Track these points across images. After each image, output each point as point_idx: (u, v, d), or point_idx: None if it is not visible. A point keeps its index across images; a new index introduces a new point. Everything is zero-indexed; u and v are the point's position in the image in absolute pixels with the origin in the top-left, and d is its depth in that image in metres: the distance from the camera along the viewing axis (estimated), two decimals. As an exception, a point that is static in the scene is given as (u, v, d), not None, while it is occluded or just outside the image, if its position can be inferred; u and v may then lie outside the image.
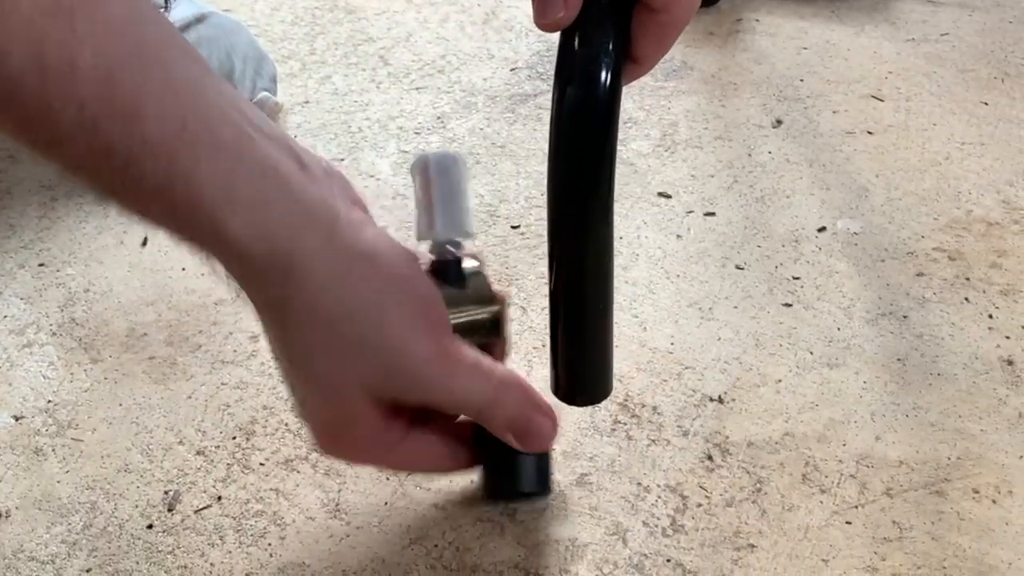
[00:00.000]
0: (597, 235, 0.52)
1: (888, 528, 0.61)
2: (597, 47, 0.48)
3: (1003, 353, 0.72)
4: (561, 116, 0.49)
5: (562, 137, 0.49)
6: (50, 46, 0.42)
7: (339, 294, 0.50)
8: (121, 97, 0.44)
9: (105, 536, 0.60)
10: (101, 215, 0.84)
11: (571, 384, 0.57)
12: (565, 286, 0.53)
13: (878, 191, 0.87)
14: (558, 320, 0.55)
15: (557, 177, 0.50)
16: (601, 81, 0.48)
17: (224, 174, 0.47)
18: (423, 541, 0.60)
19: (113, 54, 0.44)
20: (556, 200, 0.51)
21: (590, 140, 0.49)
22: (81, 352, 0.72)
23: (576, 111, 0.49)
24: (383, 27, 1.11)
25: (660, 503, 0.62)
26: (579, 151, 0.49)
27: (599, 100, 0.48)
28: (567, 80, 0.49)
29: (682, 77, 1.03)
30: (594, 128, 0.49)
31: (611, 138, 0.49)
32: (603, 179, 0.50)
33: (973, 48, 1.08)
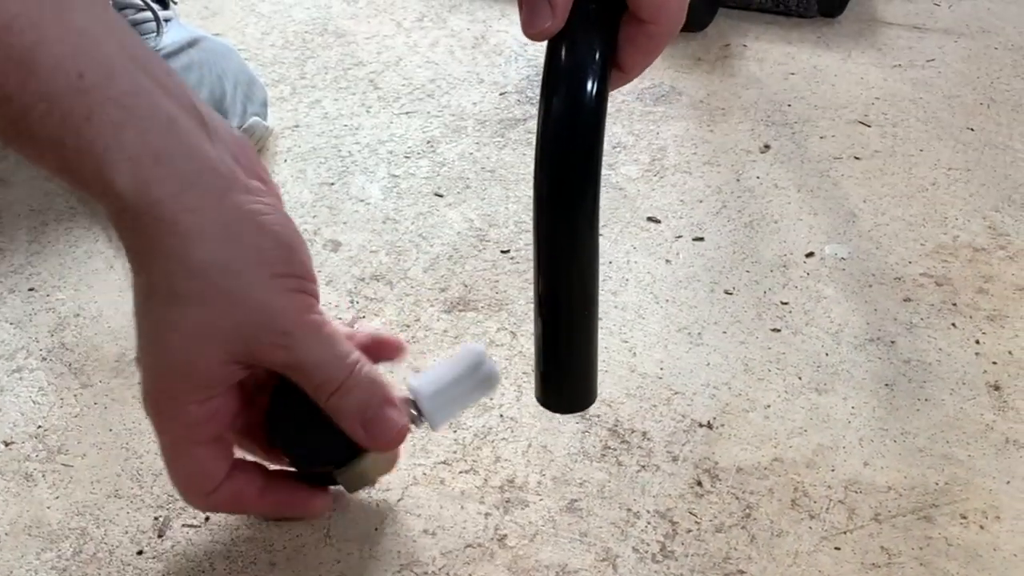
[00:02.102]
0: (582, 240, 0.52)
1: (877, 554, 0.61)
2: (584, 56, 0.49)
3: (990, 379, 0.73)
4: (548, 122, 0.50)
5: (549, 142, 0.50)
6: None
7: (217, 249, 0.51)
8: (19, 46, 0.45)
9: (95, 562, 0.60)
10: (91, 239, 0.84)
11: (555, 391, 0.57)
12: (549, 292, 0.54)
13: (865, 216, 0.88)
14: (542, 326, 0.55)
15: (543, 182, 0.51)
16: (588, 89, 0.49)
17: (114, 128, 0.48)
18: (413, 567, 0.60)
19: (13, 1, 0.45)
20: (542, 205, 0.51)
21: (577, 146, 0.49)
22: (71, 377, 0.72)
23: (563, 117, 0.49)
24: (373, 51, 1.11)
25: (650, 529, 0.62)
26: (566, 156, 0.50)
27: (586, 107, 0.49)
28: (554, 87, 0.49)
29: (671, 102, 1.03)
30: (581, 134, 0.49)
31: (598, 144, 0.50)
32: (589, 185, 0.50)
33: (959, 74, 1.08)
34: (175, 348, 0.53)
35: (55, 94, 0.46)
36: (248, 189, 0.53)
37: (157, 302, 0.53)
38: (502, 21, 1.17)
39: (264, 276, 0.53)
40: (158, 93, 0.50)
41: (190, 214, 0.50)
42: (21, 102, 0.46)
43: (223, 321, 0.53)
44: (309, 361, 0.55)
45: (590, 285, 0.54)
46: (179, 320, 0.52)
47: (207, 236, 0.51)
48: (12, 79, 0.46)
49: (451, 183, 0.92)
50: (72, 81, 0.47)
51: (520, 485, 0.65)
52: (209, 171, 0.51)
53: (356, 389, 0.56)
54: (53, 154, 0.48)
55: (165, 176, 0.50)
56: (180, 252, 0.51)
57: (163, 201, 0.50)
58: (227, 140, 0.54)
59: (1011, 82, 1.07)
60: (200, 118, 0.52)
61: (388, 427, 0.57)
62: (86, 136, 0.47)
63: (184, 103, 0.51)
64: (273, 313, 0.53)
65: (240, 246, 0.52)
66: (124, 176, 0.49)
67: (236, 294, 0.52)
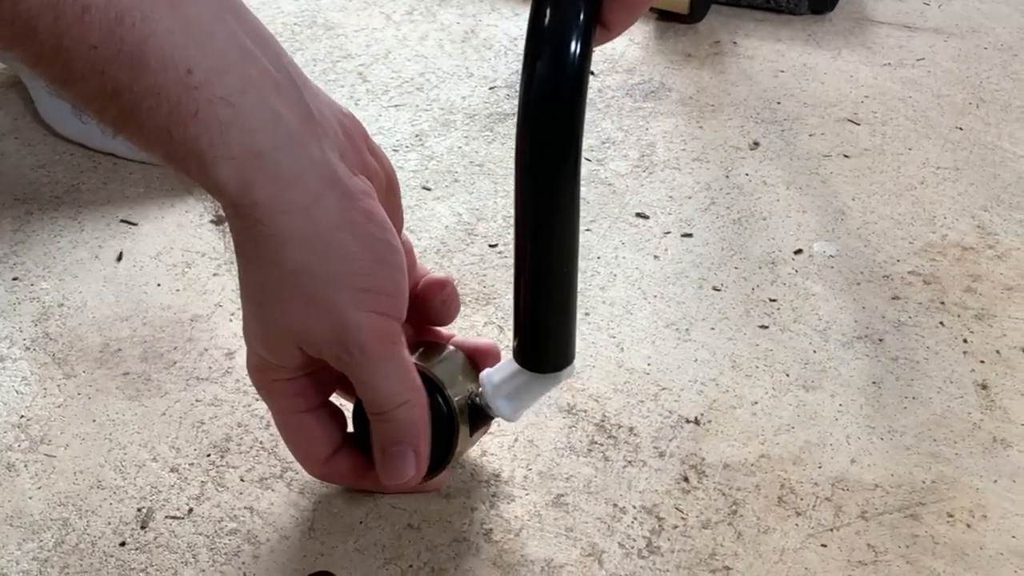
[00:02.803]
0: (565, 200, 0.53)
1: (863, 551, 0.61)
2: (569, 13, 0.50)
3: (977, 377, 0.73)
4: (532, 80, 0.50)
5: (532, 99, 0.50)
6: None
7: (305, 255, 0.52)
8: (130, 40, 0.45)
9: (77, 553, 0.60)
10: (76, 229, 0.83)
11: (533, 349, 0.58)
12: (531, 250, 0.54)
13: (854, 214, 0.88)
14: (521, 284, 0.56)
15: (526, 140, 0.52)
16: (572, 48, 0.49)
17: (220, 126, 0.48)
18: (398, 561, 0.60)
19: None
20: (524, 160, 0.52)
21: (561, 104, 0.50)
22: (55, 367, 0.72)
23: (547, 74, 0.50)
24: (362, 44, 1.11)
25: (636, 524, 0.62)
26: (549, 114, 0.50)
27: (570, 66, 0.50)
28: (539, 44, 0.50)
29: (660, 98, 1.03)
30: (565, 93, 0.50)
31: (581, 103, 0.51)
32: (572, 141, 0.51)
33: (949, 73, 1.09)
34: (259, 336, 0.56)
35: (164, 89, 0.47)
36: (347, 192, 0.53)
37: (250, 295, 0.55)
38: (492, 16, 1.17)
39: (348, 288, 0.53)
40: (267, 88, 0.50)
41: (285, 216, 0.51)
42: (131, 95, 0.46)
43: (299, 326, 0.54)
44: (364, 383, 0.56)
45: (570, 243, 0.54)
46: (264, 316, 0.55)
47: (297, 242, 0.52)
48: (123, 73, 0.46)
49: (439, 177, 0.91)
50: (181, 76, 0.47)
51: (506, 480, 0.65)
52: (310, 172, 0.51)
53: (393, 423, 0.57)
54: (161, 146, 0.49)
55: (265, 177, 0.50)
56: (272, 254, 0.52)
57: (261, 202, 0.51)
58: (333, 134, 0.54)
59: (1000, 82, 1.07)
60: (307, 113, 0.52)
61: (399, 472, 0.59)
62: (192, 132, 0.48)
63: (292, 98, 0.51)
64: (346, 328, 0.54)
65: (329, 255, 0.52)
66: (227, 175, 0.49)
67: (317, 302, 0.53)
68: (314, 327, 0.54)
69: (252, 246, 0.53)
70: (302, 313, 0.54)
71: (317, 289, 0.53)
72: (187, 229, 0.84)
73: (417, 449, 0.58)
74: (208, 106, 0.48)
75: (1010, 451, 0.67)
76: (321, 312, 0.53)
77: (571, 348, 0.59)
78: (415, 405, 0.57)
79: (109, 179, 0.89)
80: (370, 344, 0.54)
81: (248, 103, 0.49)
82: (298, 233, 0.51)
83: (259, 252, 0.52)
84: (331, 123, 0.54)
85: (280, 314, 0.54)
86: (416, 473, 0.59)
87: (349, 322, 0.54)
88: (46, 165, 0.91)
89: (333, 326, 0.54)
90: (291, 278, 0.53)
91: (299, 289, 0.53)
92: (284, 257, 0.52)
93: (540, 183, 0.52)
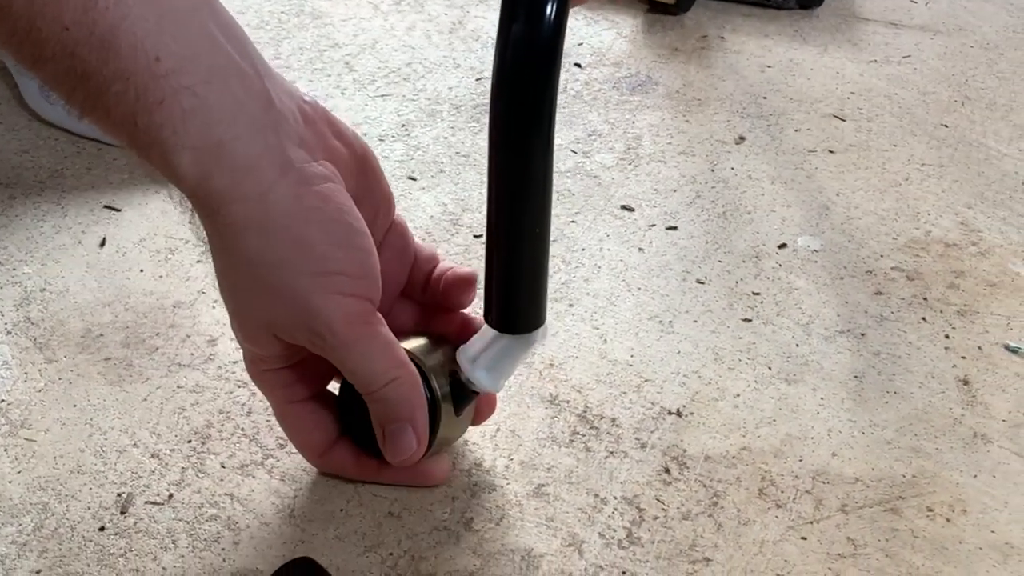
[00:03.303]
0: (537, 163, 0.54)
1: (843, 544, 0.61)
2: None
3: (959, 373, 0.73)
4: (508, 41, 0.51)
5: (508, 60, 0.51)
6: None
7: (262, 243, 0.52)
8: (102, 23, 0.46)
9: (56, 537, 0.60)
10: (59, 214, 0.83)
11: (508, 311, 0.58)
12: (504, 213, 0.55)
13: (838, 209, 0.88)
14: (496, 246, 0.56)
15: (501, 101, 0.52)
16: (548, 9, 0.50)
17: (182, 115, 0.48)
18: (378, 549, 0.60)
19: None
20: (499, 121, 0.53)
21: (537, 65, 0.51)
22: (36, 352, 0.71)
23: (523, 36, 0.50)
24: (349, 33, 1.10)
25: (617, 515, 0.62)
26: (525, 75, 0.51)
27: (546, 28, 0.50)
28: (514, 5, 0.50)
29: (647, 92, 1.03)
30: (541, 53, 0.50)
31: (556, 66, 0.51)
32: (547, 105, 0.52)
33: (934, 71, 1.09)
34: (237, 327, 0.56)
35: (132, 75, 0.47)
36: (303, 178, 0.53)
37: (222, 286, 0.55)
38: (480, 7, 1.16)
39: (307, 273, 0.53)
40: (231, 77, 0.50)
41: (240, 205, 0.51)
42: (100, 79, 0.47)
43: (269, 315, 0.54)
44: (344, 365, 0.56)
45: (544, 205, 0.55)
46: (236, 308, 0.55)
47: (253, 228, 0.52)
48: (93, 56, 0.46)
49: (425, 167, 0.91)
50: (150, 64, 0.47)
51: (488, 469, 0.65)
52: (265, 160, 0.51)
53: (383, 403, 0.57)
54: (126, 132, 0.49)
55: (223, 167, 0.50)
56: (232, 243, 0.52)
57: (219, 191, 0.51)
58: (292, 120, 0.54)
59: (986, 80, 1.07)
60: (268, 101, 0.52)
61: (399, 450, 0.58)
62: (156, 120, 0.48)
63: (253, 88, 0.51)
64: (312, 314, 0.53)
65: (285, 240, 0.52)
66: (187, 164, 0.50)
67: (280, 290, 0.53)
68: (279, 315, 0.54)
69: (216, 236, 0.53)
70: (267, 301, 0.54)
71: (276, 277, 0.53)
72: (171, 216, 0.84)
73: (415, 424, 0.58)
74: (173, 95, 0.48)
75: (990, 446, 0.68)
76: (284, 299, 0.53)
77: (544, 308, 0.59)
78: (403, 382, 0.57)
79: (93, 165, 0.89)
80: (339, 326, 0.54)
81: (212, 94, 0.49)
82: (253, 221, 0.51)
83: (222, 242, 0.53)
84: (290, 110, 0.54)
85: (248, 304, 0.54)
86: (418, 448, 0.58)
87: (313, 307, 0.53)
88: (30, 150, 0.90)
89: (298, 312, 0.53)
90: (251, 267, 0.53)
91: (260, 278, 0.53)
92: (243, 246, 0.52)
93: (514, 145, 0.53)
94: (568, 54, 1.08)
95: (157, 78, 0.47)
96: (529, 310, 0.58)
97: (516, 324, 0.59)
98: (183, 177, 0.50)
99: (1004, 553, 0.61)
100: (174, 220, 0.83)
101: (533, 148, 0.52)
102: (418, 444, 0.58)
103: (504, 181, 0.54)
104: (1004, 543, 0.61)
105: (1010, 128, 1.00)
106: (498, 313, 0.58)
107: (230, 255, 0.53)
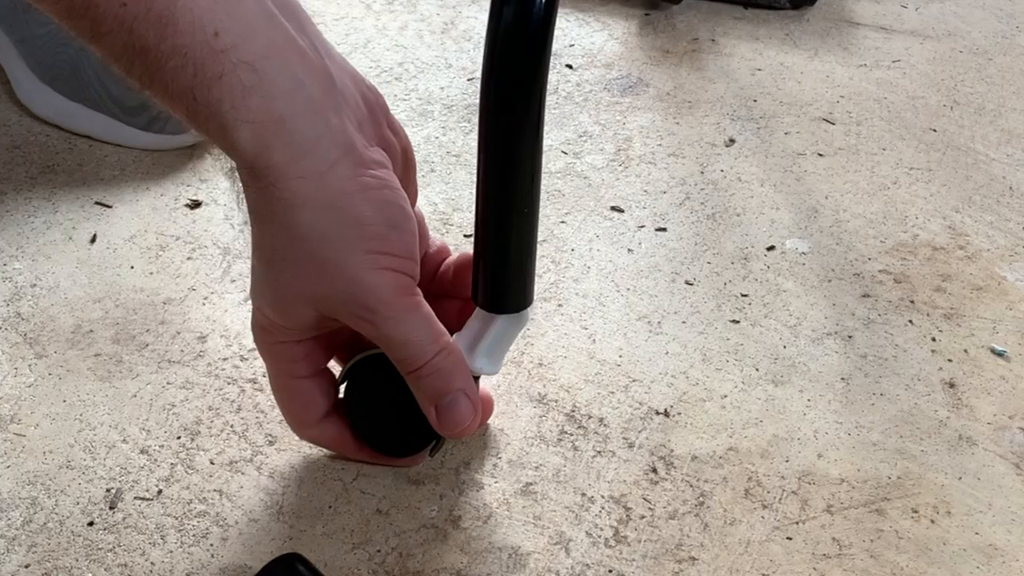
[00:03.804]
0: (528, 142, 0.54)
1: (828, 545, 0.61)
2: None
3: (945, 376, 0.73)
4: (500, 21, 0.51)
5: (499, 40, 0.51)
6: None
7: (318, 218, 0.53)
8: (159, 1, 0.46)
9: (45, 532, 0.60)
10: (51, 210, 0.83)
11: (492, 289, 0.59)
12: (492, 190, 0.56)
13: (827, 212, 0.88)
14: (482, 225, 0.57)
15: (491, 82, 0.52)
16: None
17: (242, 90, 0.49)
18: (366, 546, 0.60)
19: None
20: (489, 101, 0.53)
21: (529, 44, 0.51)
22: (26, 347, 0.71)
23: (515, 16, 0.51)
24: (341, 33, 1.10)
25: (604, 514, 0.63)
26: (517, 54, 0.51)
27: (537, 7, 0.51)
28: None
29: (638, 94, 1.03)
30: (533, 32, 0.51)
31: (547, 43, 0.52)
32: (537, 84, 0.52)
33: (924, 76, 1.09)
34: (270, 299, 0.56)
35: (190, 50, 0.47)
36: (362, 160, 0.53)
37: (262, 256, 0.55)
38: (472, 7, 1.17)
39: (360, 250, 0.54)
40: (291, 55, 0.51)
41: (300, 181, 0.52)
42: (157, 54, 0.47)
43: (313, 288, 0.55)
44: (394, 338, 0.56)
45: (531, 186, 0.56)
46: (276, 278, 0.55)
47: (310, 205, 0.52)
48: (152, 32, 0.47)
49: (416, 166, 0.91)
50: (208, 39, 0.48)
51: (475, 467, 0.65)
52: (326, 140, 0.52)
53: (436, 374, 0.57)
54: (183, 105, 0.49)
55: (283, 143, 0.51)
56: (285, 217, 0.53)
57: (277, 167, 0.51)
58: (353, 104, 0.55)
59: (975, 85, 1.08)
60: (329, 81, 0.53)
61: (459, 419, 0.59)
62: (215, 94, 0.49)
63: (314, 66, 0.52)
64: (362, 288, 0.54)
65: (341, 218, 0.53)
66: (245, 138, 0.50)
67: (330, 264, 0.54)
68: (329, 289, 0.54)
69: (266, 209, 0.53)
70: (315, 276, 0.54)
71: (329, 252, 0.53)
72: (162, 212, 0.84)
73: (468, 391, 0.58)
74: (232, 70, 0.48)
75: (975, 449, 0.68)
76: (335, 274, 0.54)
77: (533, 287, 0.60)
78: (452, 350, 0.58)
79: (84, 161, 0.89)
80: (390, 298, 0.55)
81: (271, 69, 0.50)
82: (311, 197, 0.52)
83: (273, 215, 0.53)
84: (352, 94, 0.55)
85: (294, 276, 0.55)
86: (475, 415, 0.59)
87: (364, 281, 0.54)
88: (21, 146, 0.90)
89: (349, 287, 0.54)
90: (303, 242, 0.53)
91: (312, 252, 0.53)
92: (297, 220, 0.52)
93: (505, 125, 0.53)
94: (559, 55, 1.09)
95: (216, 53, 0.48)
96: (523, 289, 0.59)
97: (507, 303, 0.59)
98: (242, 150, 0.51)
99: (988, 555, 0.61)
100: (165, 217, 0.83)
101: (524, 129, 0.53)
102: (475, 411, 0.59)
103: (494, 160, 0.55)
104: (988, 545, 0.62)
105: (998, 133, 1.00)
106: (490, 293, 0.59)
107: (281, 228, 0.53)
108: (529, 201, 0.56)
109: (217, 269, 0.79)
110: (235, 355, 0.72)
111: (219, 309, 0.75)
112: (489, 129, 0.54)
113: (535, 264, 0.59)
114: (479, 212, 0.57)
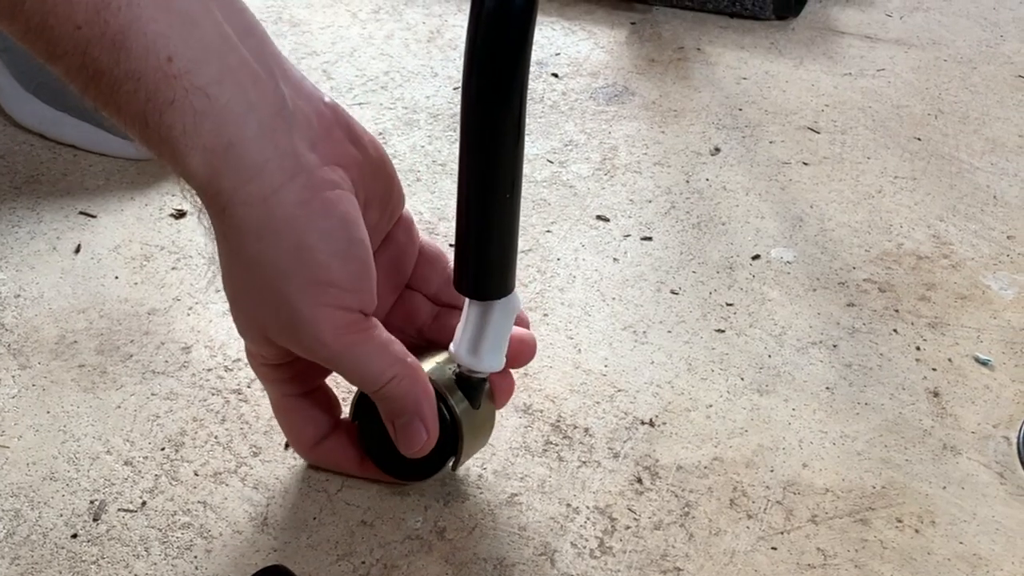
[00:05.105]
0: (510, 129, 0.54)
1: (812, 555, 0.61)
2: None
3: (929, 385, 0.73)
4: (482, 6, 0.51)
5: (481, 27, 0.51)
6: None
7: (262, 247, 0.52)
8: (114, 24, 0.46)
9: (28, 544, 0.60)
10: (35, 220, 0.83)
11: (473, 277, 0.58)
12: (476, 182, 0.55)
13: (812, 221, 0.89)
14: (462, 211, 0.56)
15: (473, 71, 0.52)
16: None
17: (194, 116, 0.49)
18: (350, 557, 0.60)
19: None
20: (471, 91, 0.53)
21: (511, 31, 0.51)
22: (9, 358, 0.71)
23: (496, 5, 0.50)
24: (327, 41, 1.11)
25: (589, 525, 0.63)
26: (499, 41, 0.51)
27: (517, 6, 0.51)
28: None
29: (623, 103, 1.04)
30: (515, 18, 0.51)
31: (529, 31, 0.51)
32: (518, 73, 0.52)
33: (908, 84, 1.10)
34: (236, 324, 0.57)
35: (143, 75, 0.47)
36: (311, 184, 0.53)
37: (223, 279, 0.55)
38: (458, 16, 1.17)
39: (302, 281, 0.53)
40: (244, 78, 0.51)
41: (245, 208, 0.51)
42: (111, 78, 0.47)
43: (263, 318, 0.55)
44: (343, 372, 0.57)
45: (513, 174, 0.55)
46: (233, 305, 0.56)
47: (255, 231, 0.52)
48: (105, 56, 0.47)
49: (401, 175, 0.90)
50: (161, 64, 0.48)
51: (460, 478, 0.65)
52: (273, 164, 0.51)
53: (387, 401, 0.58)
54: (137, 129, 0.49)
55: (231, 168, 0.51)
56: (234, 244, 0.53)
57: (226, 192, 0.51)
58: (305, 124, 0.54)
59: (959, 94, 1.08)
60: (280, 103, 0.52)
61: (412, 441, 0.59)
62: (167, 120, 0.49)
63: (266, 89, 0.52)
64: (300, 324, 0.54)
65: (282, 247, 0.52)
66: (197, 163, 0.50)
67: (274, 295, 0.53)
68: (269, 320, 0.54)
69: (221, 236, 0.53)
70: (258, 305, 0.54)
71: (269, 281, 0.53)
72: (146, 222, 0.84)
73: (422, 416, 0.58)
74: (185, 95, 0.48)
75: (959, 458, 0.68)
76: (274, 305, 0.53)
77: (514, 273, 0.59)
78: (403, 377, 0.57)
79: (69, 171, 0.89)
80: (327, 338, 0.54)
81: (223, 94, 0.50)
82: (255, 224, 0.52)
83: (227, 242, 0.53)
84: (305, 114, 0.54)
85: (246, 305, 0.55)
86: (428, 438, 0.59)
87: (301, 317, 0.53)
88: (5, 155, 0.90)
89: (287, 320, 0.54)
90: (248, 269, 0.53)
91: (256, 281, 0.53)
92: (243, 248, 0.52)
93: (487, 114, 0.53)
94: (545, 64, 1.09)
95: (169, 79, 0.48)
96: (504, 273, 0.58)
97: (491, 289, 0.58)
98: (193, 176, 0.50)
99: (972, 564, 0.61)
100: (149, 227, 0.83)
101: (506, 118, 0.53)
102: (428, 434, 0.58)
103: (476, 147, 0.54)
104: (972, 554, 0.62)
105: (982, 141, 1.01)
106: (478, 283, 0.58)
107: (233, 255, 0.53)
108: (512, 184, 0.55)
109: (202, 279, 0.79)
110: (219, 366, 0.71)
111: (204, 319, 0.75)
112: (472, 118, 0.53)
113: (517, 250, 0.59)
114: (462, 199, 0.56)
